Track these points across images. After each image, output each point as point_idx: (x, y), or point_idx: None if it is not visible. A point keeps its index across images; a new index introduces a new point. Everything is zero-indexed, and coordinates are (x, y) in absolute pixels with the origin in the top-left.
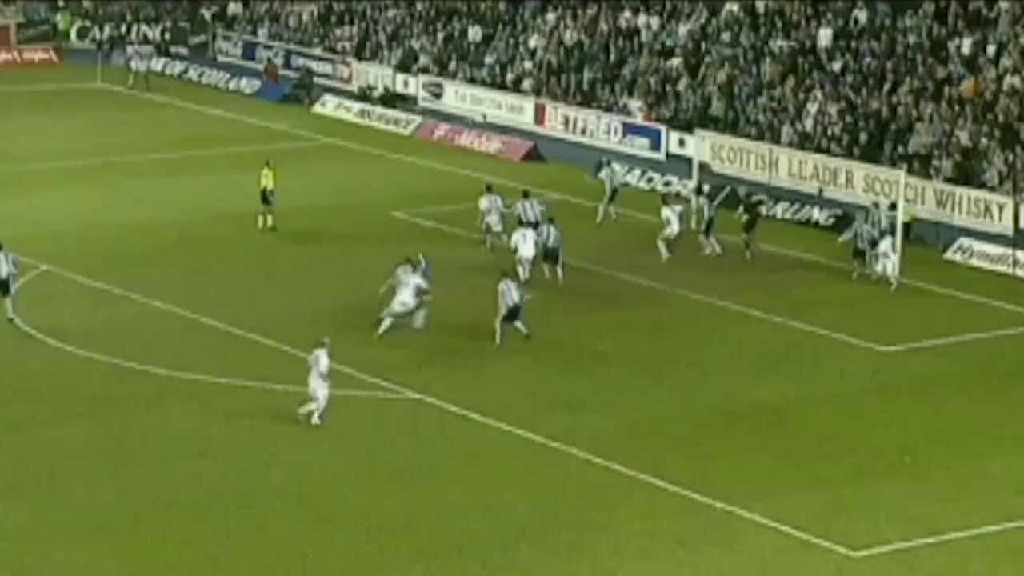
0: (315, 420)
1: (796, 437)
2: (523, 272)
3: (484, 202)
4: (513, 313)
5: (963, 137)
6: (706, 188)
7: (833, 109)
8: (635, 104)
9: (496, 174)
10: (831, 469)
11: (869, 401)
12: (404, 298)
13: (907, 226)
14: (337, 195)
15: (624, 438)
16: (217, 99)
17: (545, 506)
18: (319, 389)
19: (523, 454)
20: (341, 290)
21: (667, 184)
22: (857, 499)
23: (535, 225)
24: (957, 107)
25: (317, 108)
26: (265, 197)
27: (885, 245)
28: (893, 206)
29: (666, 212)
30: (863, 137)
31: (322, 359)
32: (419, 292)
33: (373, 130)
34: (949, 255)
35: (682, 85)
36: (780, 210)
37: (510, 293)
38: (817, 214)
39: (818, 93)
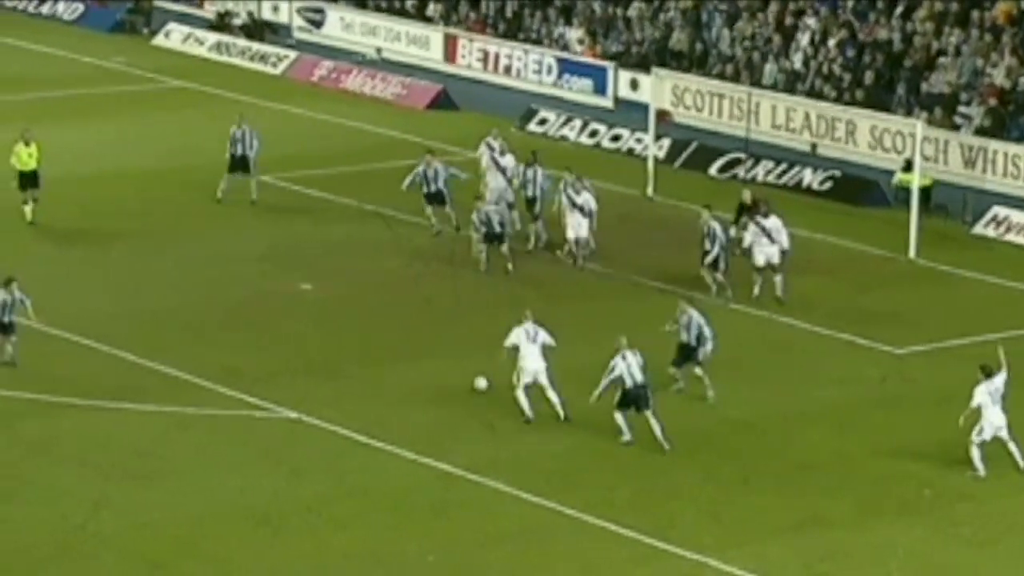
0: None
1: (782, 465)
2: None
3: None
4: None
5: (998, 75)
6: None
7: (831, 41)
8: (574, 35)
9: (394, 126)
10: (828, 506)
11: (877, 418)
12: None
13: (925, 192)
14: (186, 154)
15: (562, 468)
16: (26, 28)
17: (461, 557)
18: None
19: (432, 490)
20: (193, 281)
21: (615, 139)
22: (861, 545)
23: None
24: (990, 36)
25: (160, 40)
26: (33, 179)
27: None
28: (908, 165)
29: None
30: (869, 76)
31: (541, 335)
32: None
33: (234, 69)
34: (979, 229)
35: (634, 11)
36: (761, 171)
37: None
38: (809, 176)
39: (810, 20)
